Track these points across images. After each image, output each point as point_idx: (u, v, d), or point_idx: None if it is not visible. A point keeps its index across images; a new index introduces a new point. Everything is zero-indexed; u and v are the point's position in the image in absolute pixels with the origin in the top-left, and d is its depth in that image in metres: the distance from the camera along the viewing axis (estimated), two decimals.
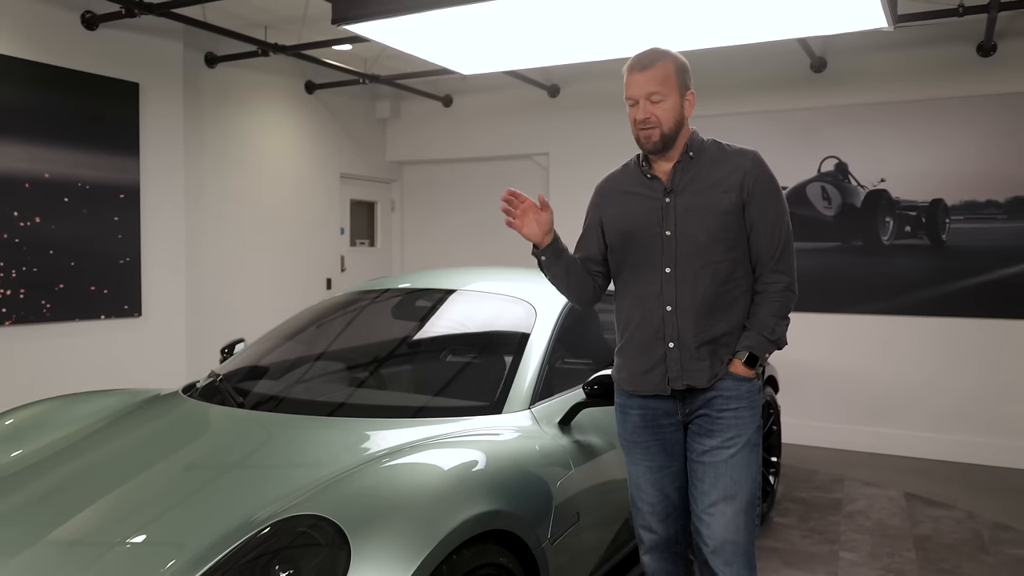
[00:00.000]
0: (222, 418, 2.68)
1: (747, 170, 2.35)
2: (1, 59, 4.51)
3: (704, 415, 2.35)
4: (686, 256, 2.34)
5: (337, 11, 4.11)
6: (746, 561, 2.32)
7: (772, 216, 2.36)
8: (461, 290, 3.29)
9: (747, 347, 2.34)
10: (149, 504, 2.12)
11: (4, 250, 4.55)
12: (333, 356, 3.15)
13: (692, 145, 2.40)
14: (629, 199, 2.46)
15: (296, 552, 1.79)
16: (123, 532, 2.00)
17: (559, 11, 4.05)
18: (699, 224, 2.34)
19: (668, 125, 2.34)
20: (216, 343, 5.91)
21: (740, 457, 2.32)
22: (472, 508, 2.03)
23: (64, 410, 2.85)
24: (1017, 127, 5.41)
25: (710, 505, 2.31)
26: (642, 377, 2.39)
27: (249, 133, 6.35)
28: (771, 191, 2.38)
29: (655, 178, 2.42)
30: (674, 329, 2.34)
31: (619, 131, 6.65)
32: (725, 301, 2.35)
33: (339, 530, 1.81)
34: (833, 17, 4.05)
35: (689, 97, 2.38)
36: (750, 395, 2.36)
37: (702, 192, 2.36)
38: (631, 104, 2.39)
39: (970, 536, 4.11)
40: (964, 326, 5.60)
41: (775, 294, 2.36)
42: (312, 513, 1.86)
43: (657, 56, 2.37)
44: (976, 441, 5.55)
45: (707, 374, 2.33)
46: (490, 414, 2.61)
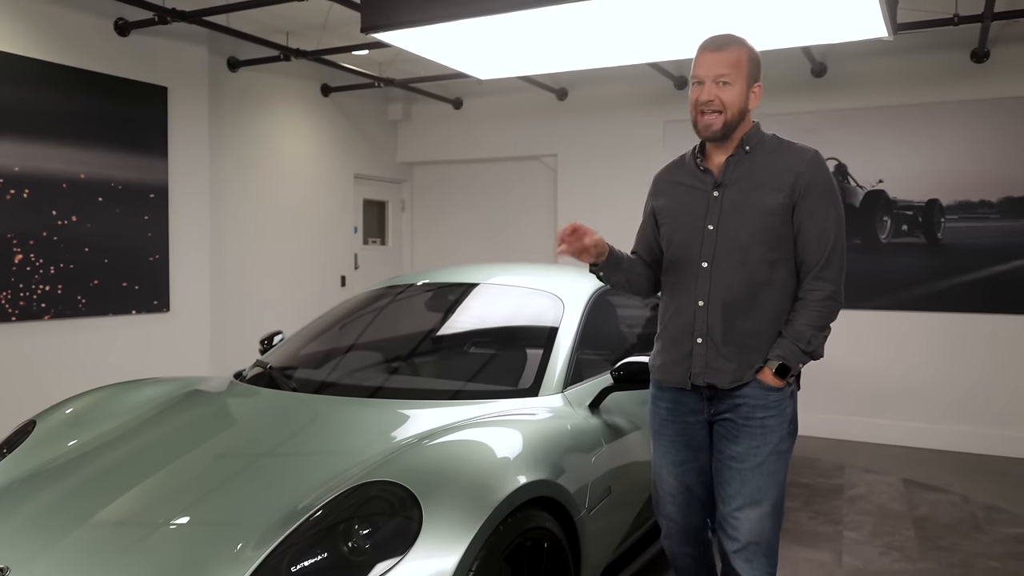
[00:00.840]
0: (280, 401, 2.90)
1: (801, 171, 2.28)
2: (40, 64, 4.71)
3: (730, 420, 2.32)
4: (724, 253, 2.30)
5: (366, 20, 4.32)
6: (767, 557, 2.32)
7: (822, 220, 2.27)
8: (493, 284, 3.51)
9: (779, 356, 2.27)
10: (229, 479, 2.34)
11: (43, 247, 4.75)
12: (376, 345, 3.37)
13: (749, 139, 2.34)
14: (680, 190, 2.43)
15: (373, 513, 2.01)
16: (210, 504, 2.22)
17: (570, 20, 4.25)
18: (741, 221, 2.29)
19: (731, 112, 2.27)
20: (238, 338, 6.13)
21: (767, 464, 2.29)
22: (522, 477, 2.25)
23: (123, 396, 3.05)
24: (1009, 130, 5.66)
25: (736, 509, 2.30)
26: (672, 368, 2.40)
27: (268, 135, 6.56)
28: (825, 194, 2.29)
29: (707, 171, 2.37)
30: (703, 325, 2.31)
31: (626, 133, 6.95)
32: (758, 303, 2.29)
33: (410, 494, 2.02)
34: (836, 26, 4.27)
35: (756, 89, 2.32)
36: (778, 404, 2.30)
37: (751, 189, 2.30)
38: (696, 83, 2.30)
39: (965, 517, 4.35)
40: (958, 321, 5.84)
41: (815, 303, 2.28)
42: (384, 479, 2.08)
43: (733, 40, 2.31)
44: (969, 431, 5.80)
45: (730, 375, 2.29)
46: (527, 397, 2.83)
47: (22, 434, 2.77)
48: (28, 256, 4.67)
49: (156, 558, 2.00)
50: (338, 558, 1.94)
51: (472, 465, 2.22)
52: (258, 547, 1.96)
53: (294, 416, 2.76)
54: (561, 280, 3.48)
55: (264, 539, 1.99)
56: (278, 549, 1.95)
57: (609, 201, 6.98)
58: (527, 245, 7.60)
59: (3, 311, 4.57)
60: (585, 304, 3.30)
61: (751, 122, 2.37)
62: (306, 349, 3.42)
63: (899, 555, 3.79)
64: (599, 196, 7.09)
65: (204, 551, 2.00)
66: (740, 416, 2.31)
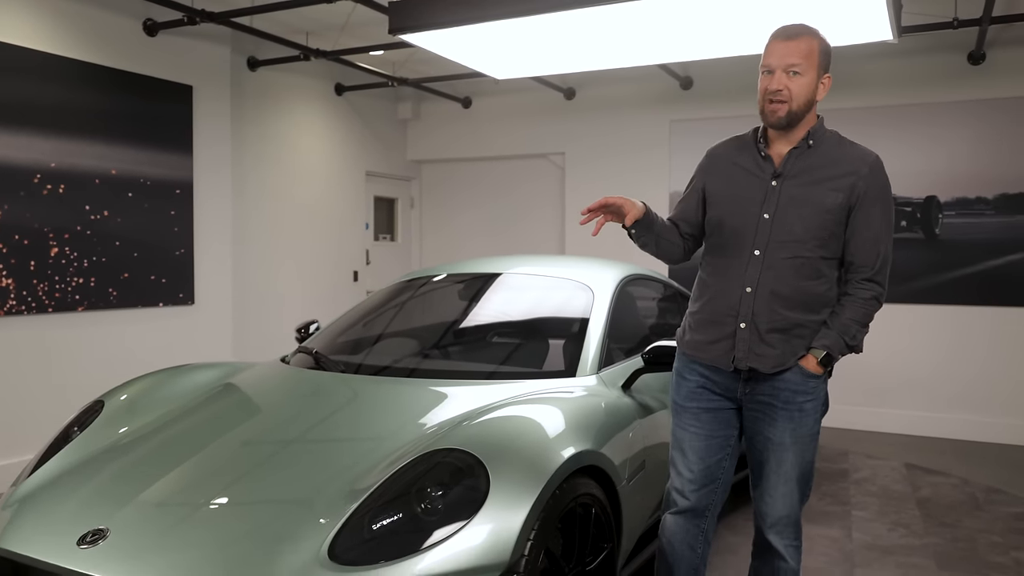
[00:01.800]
0: (336, 382, 3.07)
1: (863, 175, 2.30)
2: (75, 64, 4.86)
3: (769, 404, 2.38)
4: (778, 243, 2.32)
5: (394, 22, 4.50)
6: (795, 529, 2.46)
7: (878, 226, 2.32)
8: (526, 274, 3.70)
9: (825, 347, 2.33)
10: (301, 451, 2.52)
11: (78, 241, 4.90)
12: (416, 331, 3.55)
13: (814, 133, 2.35)
14: (737, 172, 2.43)
15: (444, 476, 2.19)
16: (289, 472, 2.40)
17: (584, 23, 4.43)
18: (798, 215, 2.31)
19: (799, 102, 2.28)
20: (257, 329, 6.30)
21: (801, 445, 2.38)
22: (572, 448, 2.43)
23: (181, 378, 3.20)
24: (1004, 129, 5.89)
25: (772, 487, 2.41)
26: (707, 346, 2.43)
27: (285, 133, 6.72)
28: (883, 201, 2.34)
29: (768, 158, 2.38)
30: (749, 311, 2.34)
31: (632, 132, 7.15)
32: (805, 295, 2.33)
33: (478, 460, 2.20)
34: (844, 29, 4.48)
35: (825, 80, 2.32)
36: (816, 389, 2.38)
37: (811, 184, 2.32)
38: (765, 72, 2.31)
39: (966, 498, 4.57)
40: (955, 313, 6.07)
41: (863, 301, 2.33)
42: (451, 447, 2.26)
43: (805, 29, 2.31)
44: (966, 419, 6.03)
45: (773, 361, 2.34)
46: (565, 377, 3.02)
47: (90, 413, 2.92)
48: (63, 249, 4.82)
49: (248, 520, 2.18)
50: (412, 518, 2.11)
51: (528, 436, 2.40)
52: (340, 509, 2.14)
53: (351, 395, 2.94)
54: (588, 271, 3.67)
55: (345, 502, 2.16)
56: (359, 510, 2.12)
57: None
58: (535, 241, 7.77)
59: (40, 302, 4.71)
60: (613, 293, 3.49)
61: (816, 115, 2.37)
62: (348, 335, 3.59)
63: (905, 531, 4.00)
64: (606, 193, 7.26)
65: (292, 513, 2.18)
66: (780, 400, 2.37)
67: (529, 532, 2.16)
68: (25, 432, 4.70)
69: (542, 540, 2.21)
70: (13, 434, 4.64)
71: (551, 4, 4.17)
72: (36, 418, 4.74)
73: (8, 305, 4.56)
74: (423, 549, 2.03)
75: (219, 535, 2.13)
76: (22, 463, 4.66)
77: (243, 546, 2.08)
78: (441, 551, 2.03)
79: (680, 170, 6.95)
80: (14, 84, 4.55)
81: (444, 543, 2.05)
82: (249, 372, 3.27)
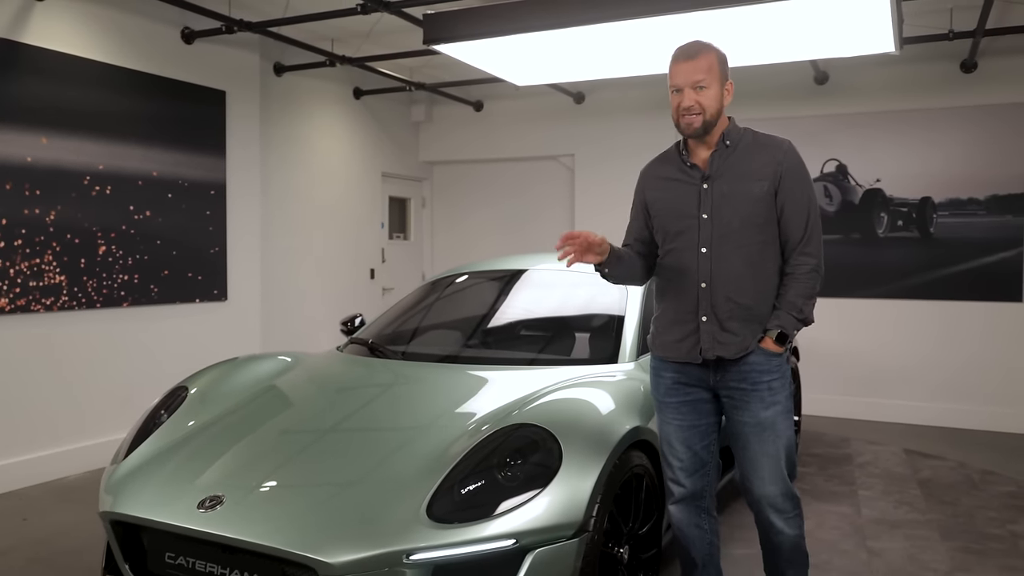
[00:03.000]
0: (403, 368, 3.36)
1: (780, 160, 2.54)
2: (119, 70, 5.09)
3: (740, 388, 2.55)
4: (720, 238, 2.54)
5: (428, 33, 4.77)
6: (792, 501, 2.60)
7: (801, 202, 2.54)
8: (565, 271, 3.98)
9: (777, 326, 2.52)
10: (389, 427, 2.80)
11: (123, 240, 5.14)
12: (465, 322, 3.83)
13: (729, 134, 2.58)
14: (670, 185, 2.66)
15: (521, 447, 2.47)
16: (384, 443, 2.68)
17: (599, 35, 4.71)
18: (733, 209, 2.53)
19: (710, 112, 2.50)
20: (283, 324, 6.55)
21: (777, 421, 2.54)
22: (628, 424, 2.73)
23: (253, 366, 3.46)
24: (995, 134, 6.24)
25: (760, 467, 2.56)
26: (675, 345, 2.62)
27: (307, 135, 6.97)
28: (801, 179, 2.57)
29: (694, 166, 2.61)
30: (708, 304, 2.55)
31: (640, 135, 7.46)
32: (755, 279, 2.54)
33: (550, 433, 2.49)
34: (850, 42, 4.79)
35: (728, 87, 2.55)
36: (780, 368, 2.56)
37: (737, 180, 2.55)
38: (675, 91, 2.52)
39: (963, 479, 4.90)
40: (949, 308, 6.41)
41: (803, 275, 2.54)
42: (526, 422, 2.54)
43: (702, 47, 2.53)
44: (960, 408, 6.37)
45: (736, 347, 2.53)
46: (608, 363, 3.31)
47: (175, 397, 3.18)
48: (110, 248, 5.06)
49: (354, 486, 2.47)
50: (495, 484, 2.40)
51: (591, 413, 2.70)
52: (433, 476, 2.42)
53: (419, 380, 3.22)
54: None
55: (436, 471, 2.44)
56: (448, 477, 2.41)
57: (625, 200, 7.37)
58: (544, 241, 8.04)
59: (89, 298, 4.95)
60: (643, 290, 3.78)
61: (727, 119, 2.60)
62: (397, 327, 3.87)
63: (910, 508, 4.32)
64: (615, 194, 7.55)
65: (392, 481, 2.46)
66: (749, 383, 2.54)
67: (596, 497, 2.45)
68: (83, 419, 4.95)
69: (606, 505, 2.50)
70: (73, 421, 4.88)
71: (572, 19, 4.46)
72: (94, 407, 5.00)
73: (61, 301, 4.80)
74: (507, 511, 2.31)
75: (329, 499, 2.41)
76: (82, 448, 4.94)
77: (352, 506, 2.36)
78: (523, 512, 2.32)
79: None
80: (68, 91, 4.78)
81: (525, 505, 2.33)
82: (315, 360, 3.55)
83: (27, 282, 4.61)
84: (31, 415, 4.70)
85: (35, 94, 4.62)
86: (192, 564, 2.44)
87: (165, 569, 2.50)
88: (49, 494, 4.52)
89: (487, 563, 2.27)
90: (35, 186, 4.63)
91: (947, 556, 3.65)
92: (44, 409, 4.77)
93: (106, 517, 2.61)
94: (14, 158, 4.52)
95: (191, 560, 2.44)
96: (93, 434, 5.02)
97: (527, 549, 2.29)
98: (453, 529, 2.27)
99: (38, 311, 4.68)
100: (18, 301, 4.57)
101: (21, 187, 4.56)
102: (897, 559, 3.61)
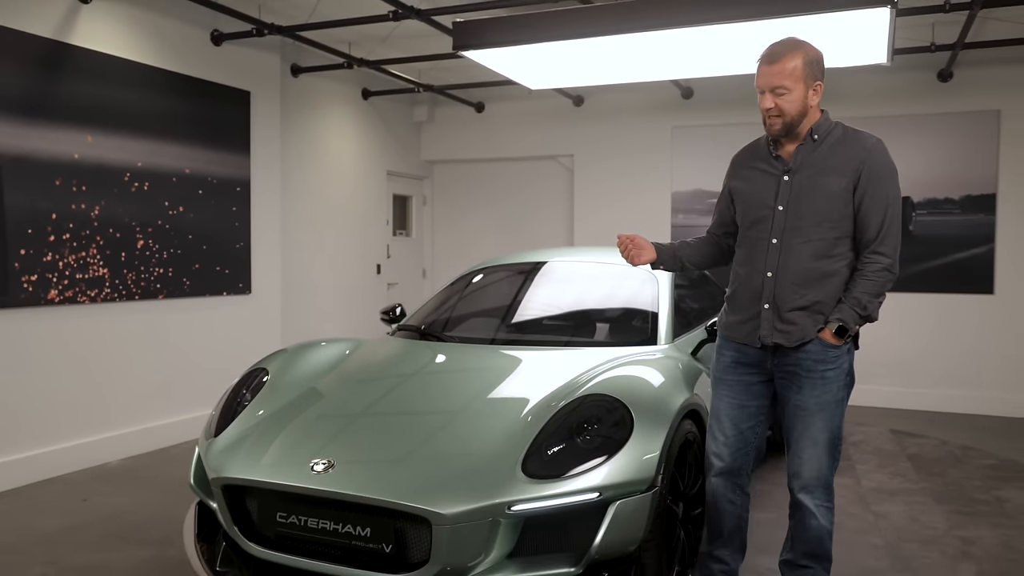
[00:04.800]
0: (465, 350, 3.67)
1: (863, 157, 2.59)
2: (155, 71, 5.30)
3: (796, 373, 2.69)
4: (791, 231, 2.64)
5: (458, 40, 5.06)
6: (825, 490, 2.72)
7: (881, 201, 2.59)
8: (599, 263, 4.32)
9: (838, 320, 2.60)
10: (473, 402, 3.11)
11: (159, 235, 5.35)
12: (511, 309, 4.15)
13: (817, 129, 2.65)
14: (754, 173, 2.78)
15: (596, 414, 2.80)
16: (474, 414, 3.00)
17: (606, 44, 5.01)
18: (808, 203, 2.62)
19: (791, 114, 2.58)
20: (299, 316, 6.80)
21: (826, 411, 2.66)
22: (682, 395, 3.07)
23: (318, 351, 3.71)
24: (969, 139, 6.73)
25: (801, 449, 2.70)
26: (737, 326, 2.80)
27: (320, 135, 7.21)
28: (883, 178, 2.60)
29: (779, 157, 2.71)
30: (770, 293, 2.68)
31: (637, 137, 7.86)
32: (821, 274, 2.62)
33: (621, 403, 2.81)
34: (848, 54, 5.19)
35: (816, 87, 2.60)
36: (837, 359, 2.65)
37: (818, 174, 2.62)
38: (759, 93, 2.62)
39: (946, 454, 5.36)
40: (927, 300, 6.90)
41: (872, 273, 2.59)
42: (598, 393, 2.87)
43: (786, 49, 2.58)
44: (938, 392, 6.86)
45: (795, 336, 2.65)
46: (648, 345, 3.66)
47: (254, 378, 3.44)
48: (147, 242, 5.27)
49: (455, 449, 2.79)
50: (574, 447, 2.72)
51: (651, 385, 3.04)
52: (523, 440, 2.73)
53: (487, 361, 3.53)
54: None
55: (523, 436, 2.76)
56: (536, 441, 2.72)
57: (622, 198, 7.87)
58: (544, 239, 8.39)
59: (129, 290, 5.16)
60: (671, 278, 4.14)
61: (819, 113, 2.67)
62: (448, 314, 4.19)
63: (904, 479, 4.75)
64: (612, 193, 7.95)
65: (489, 445, 2.77)
66: (803, 369, 2.67)
67: (663, 458, 2.78)
68: (121, 407, 5.17)
69: (669, 465, 2.84)
70: (112, 409, 5.09)
71: (587, 31, 4.75)
72: (132, 395, 5.22)
73: (104, 293, 5.00)
74: (589, 469, 2.64)
75: (433, 462, 2.72)
76: (122, 435, 5.20)
77: (455, 468, 2.68)
78: (604, 469, 2.64)
79: (681, 172, 7.66)
80: (110, 90, 4.99)
81: (605, 464, 2.65)
82: (380, 345, 3.85)
83: (74, 275, 4.81)
84: (75, 403, 4.89)
85: (81, 93, 4.82)
86: (304, 522, 2.71)
87: (276, 528, 2.77)
88: (96, 479, 4.73)
89: (575, 513, 2.59)
90: (81, 182, 4.83)
91: (943, 518, 4.07)
92: (87, 397, 4.96)
93: (217, 483, 2.87)
94: (63, 155, 4.72)
95: (303, 518, 2.71)
96: (131, 422, 5.23)
97: (609, 501, 2.61)
98: (546, 483, 2.59)
99: (84, 302, 4.88)
100: (66, 293, 4.77)
101: (69, 183, 4.76)
102: (900, 520, 4.02)
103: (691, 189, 7.64)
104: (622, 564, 2.70)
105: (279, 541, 2.78)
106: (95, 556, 3.55)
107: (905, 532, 3.86)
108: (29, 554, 3.56)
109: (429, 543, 2.53)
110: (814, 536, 2.77)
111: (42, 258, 4.62)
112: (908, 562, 3.50)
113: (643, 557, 2.74)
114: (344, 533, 2.65)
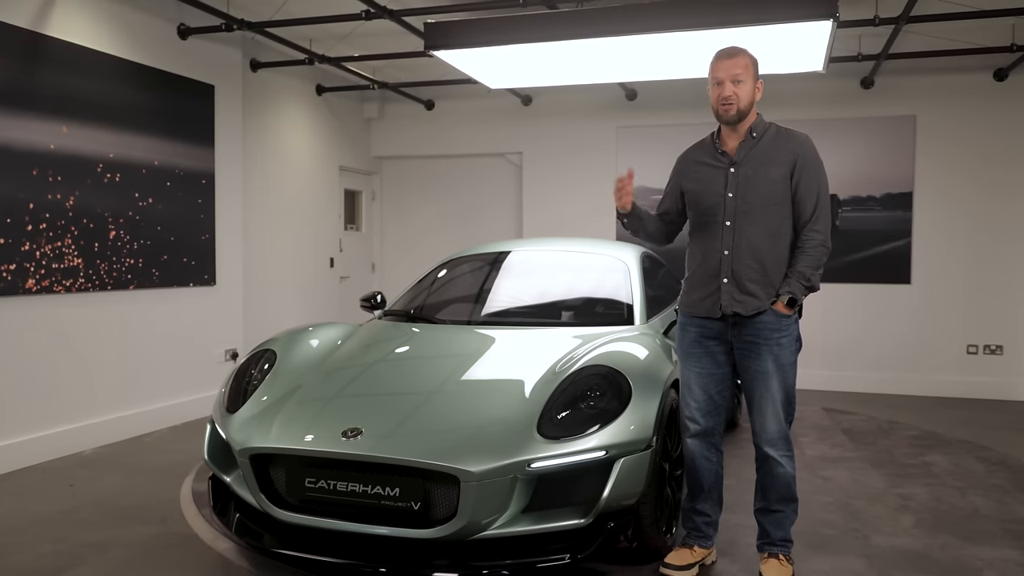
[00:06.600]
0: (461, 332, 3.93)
1: (797, 151, 3.04)
2: (126, 64, 5.34)
3: (754, 342, 3.05)
4: (742, 214, 3.03)
5: (429, 40, 5.29)
6: (786, 442, 3.11)
7: (813, 186, 3.03)
8: (573, 251, 4.63)
9: (788, 292, 2.99)
10: (488, 370, 3.37)
11: (130, 226, 5.39)
12: (496, 294, 4.42)
13: (755, 128, 3.08)
14: (703, 168, 3.17)
15: (597, 381, 3.11)
16: (489, 382, 3.25)
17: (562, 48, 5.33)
18: (754, 190, 3.02)
19: (744, 103, 3.00)
20: (260, 308, 6.88)
21: (781, 371, 3.05)
22: (667, 367, 3.40)
23: (322, 332, 3.93)
24: (890, 141, 7.36)
25: (763, 409, 3.07)
26: (699, 303, 3.14)
27: (278, 129, 7.30)
28: (815, 167, 3.05)
29: (724, 153, 3.11)
30: (728, 269, 3.05)
31: (583, 136, 8.25)
32: (770, 249, 3.02)
33: (619, 372, 3.13)
34: (787, 62, 5.66)
35: (759, 85, 3.06)
36: (788, 327, 3.06)
37: (760, 165, 3.03)
38: (716, 84, 3.01)
39: (875, 428, 5.90)
40: (850, 289, 7.50)
41: (811, 248, 3.01)
42: (597, 364, 3.18)
43: (740, 49, 3.08)
44: (861, 375, 7.47)
45: (751, 306, 3.02)
46: (627, 324, 3.99)
47: (262, 358, 3.61)
48: (119, 232, 5.30)
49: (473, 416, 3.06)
50: (580, 413, 3.02)
51: (641, 358, 3.36)
52: (536, 406, 3.02)
53: (485, 339, 3.79)
54: (617, 251, 4.65)
55: (534, 404, 3.05)
56: (546, 407, 3.02)
57: (569, 194, 8.22)
58: (493, 234, 8.66)
59: (102, 280, 5.19)
60: (639, 264, 4.49)
61: (755, 114, 3.09)
62: (434, 299, 4.42)
63: (842, 449, 5.24)
64: (560, 189, 8.29)
65: (506, 412, 3.04)
66: (761, 338, 3.04)
67: (657, 421, 3.11)
68: (95, 397, 5.19)
69: (661, 428, 3.17)
70: (86, 399, 5.10)
71: (550, 35, 5.05)
72: (105, 385, 5.24)
73: (78, 283, 5.02)
74: (595, 430, 2.94)
75: (456, 427, 2.99)
76: (94, 424, 5.28)
77: (476, 432, 2.94)
78: (609, 430, 2.95)
79: (625, 169, 8.02)
80: (84, 81, 5.01)
81: (608, 426, 2.96)
82: (377, 329, 4.06)
83: (50, 264, 4.82)
84: (49, 393, 4.90)
85: (57, 84, 4.84)
86: (333, 486, 2.92)
87: (305, 493, 2.97)
88: (75, 466, 4.75)
89: (584, 469, 2.89)
90: (57, 172, 4.84)
91: (881, 479, 4.55)
92: (61, 387, 4.97)
93: (244, 454, 3.04)
94: (39, 145, 4.73)
95: (332, 483, 2.92)
96: (104, 411, 5.26)
97: (614, 459, 2.92)
98: (560, 443, 2.88)
99: (59, 292, 4.89)
100: (43, 282, 4.78)
101: (45, 174, 4.77)
102: (845, 482, 4.49)
103: (635, 187, 7.98)
104: (623, 515, 3.01)
105: (303, 505, 2.98)
106: (102, 533, 3.64)
107: (851, 491, 4.32)
108: (33, 534, 3.63)
109: (455, 500, 2.78)
110: (783, 482, 3.12)
111: (20, 248, 4.62)
112: (857, 514, 3.94)
113: (641, 509, 3.07)
114: (373, 494, 2.87)
